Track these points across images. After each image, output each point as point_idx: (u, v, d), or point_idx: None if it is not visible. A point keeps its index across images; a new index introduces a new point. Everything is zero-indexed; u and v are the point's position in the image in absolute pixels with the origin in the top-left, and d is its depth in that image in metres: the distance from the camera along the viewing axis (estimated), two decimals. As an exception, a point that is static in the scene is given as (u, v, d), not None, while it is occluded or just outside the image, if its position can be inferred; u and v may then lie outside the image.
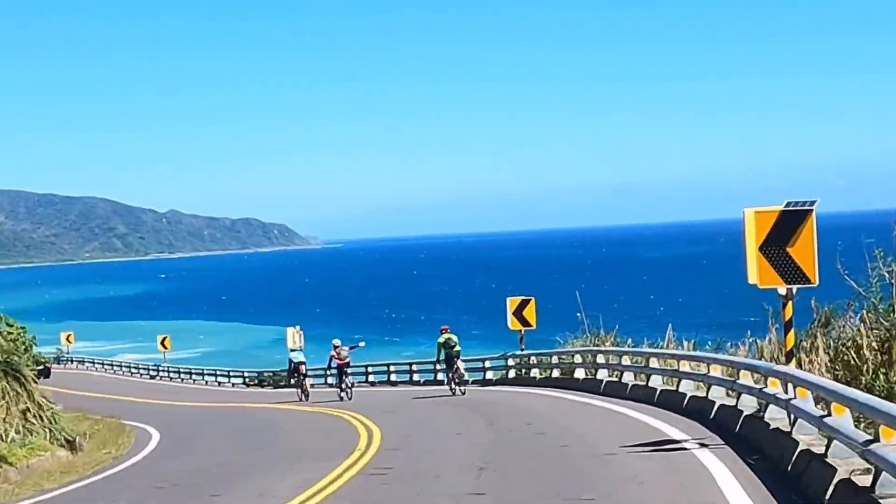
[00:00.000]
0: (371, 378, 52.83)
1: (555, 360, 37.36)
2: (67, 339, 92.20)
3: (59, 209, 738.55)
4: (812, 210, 17.77)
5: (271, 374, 63.18)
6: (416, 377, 49.67)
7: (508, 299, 40.55)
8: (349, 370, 42.73)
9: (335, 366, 41.98)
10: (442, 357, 38.06)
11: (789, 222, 17.76)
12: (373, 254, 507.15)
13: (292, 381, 47.71)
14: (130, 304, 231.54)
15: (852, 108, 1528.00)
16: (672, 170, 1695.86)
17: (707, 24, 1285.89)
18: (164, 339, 78.05)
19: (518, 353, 41.26)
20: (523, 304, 40.12)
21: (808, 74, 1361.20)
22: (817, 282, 18.14)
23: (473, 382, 42.53)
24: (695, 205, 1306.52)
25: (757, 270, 17.89)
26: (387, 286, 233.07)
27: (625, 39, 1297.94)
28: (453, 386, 37.76)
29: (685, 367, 25.40)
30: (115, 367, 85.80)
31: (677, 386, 25.91)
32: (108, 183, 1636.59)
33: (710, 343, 30.67)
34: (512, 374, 41.73)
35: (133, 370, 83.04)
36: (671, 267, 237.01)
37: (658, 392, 27.06)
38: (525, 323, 40.17)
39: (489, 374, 43.81)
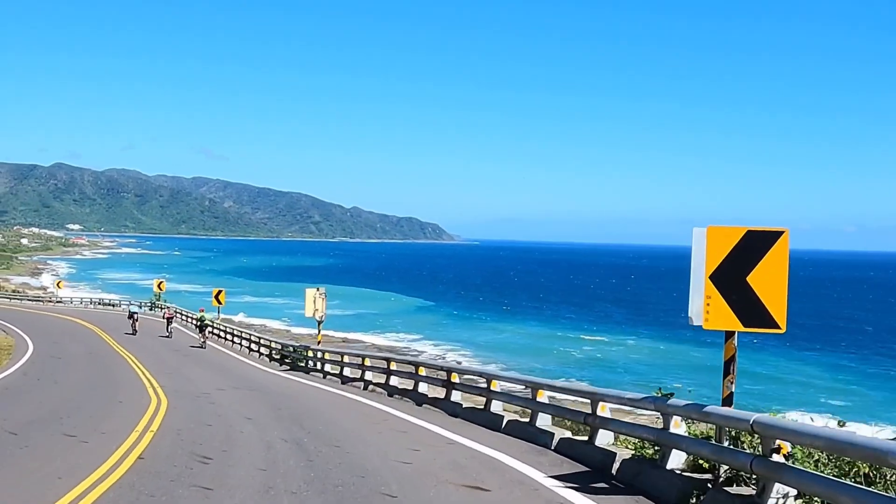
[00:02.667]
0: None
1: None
2: (159, 287, 74.46)
3: (272, 199, 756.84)
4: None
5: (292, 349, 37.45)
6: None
7: (702, 230, 8.67)
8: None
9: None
10: (196, 325, 45.32)
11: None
12: (503, 251, 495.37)
13: (130, 322, 48.60)
14: (309, 271, 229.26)
15: None
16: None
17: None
18: (219, 293, 53.68)
19: (735, 416, 8.57)
20: (755, 242, 8.67)
21: None
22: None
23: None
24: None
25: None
26: (506, 277, 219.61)
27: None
28: (204, 342, 42.06)
29: None
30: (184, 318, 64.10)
31: None
32: (309, 182, 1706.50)
33: None
34: (678, 461, 9.80)
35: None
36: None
37: None
38: (754, 316, 8.66)
39: (603, 439, 12.04)
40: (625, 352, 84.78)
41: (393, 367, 22.96)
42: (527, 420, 15.07)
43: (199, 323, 44.84)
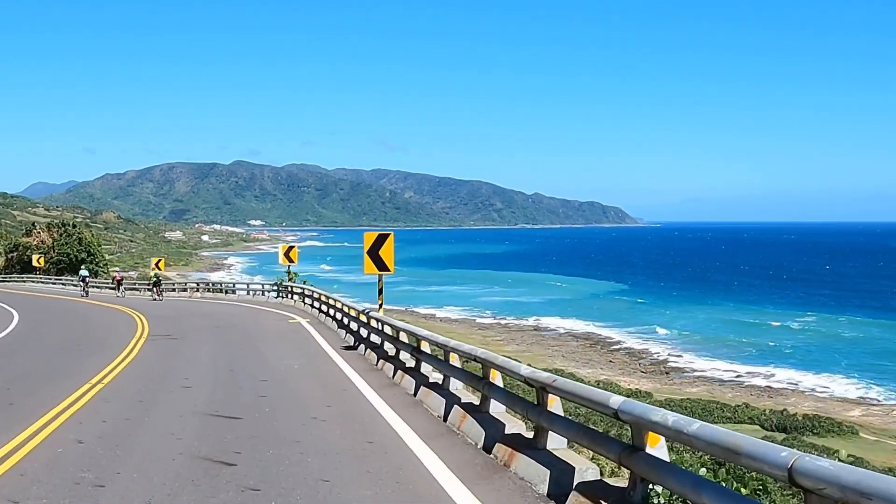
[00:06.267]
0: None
1: None
2: (287, 255, 64.94)
3: (453, 189, 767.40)
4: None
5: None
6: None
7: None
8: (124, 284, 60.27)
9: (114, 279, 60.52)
10: (151, 284, 53.69)
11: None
12: (687, 233, 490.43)
13: (81, 287, 58.24)
14: (490, 258, 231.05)
15: None
16: None
17: None
18: (383, 237, 37.31)
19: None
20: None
21: None
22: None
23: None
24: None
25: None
26: (693, 259, 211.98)
27: None
28: (156, 297, 50.58)
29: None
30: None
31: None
32: (490, 170, 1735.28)
33: None
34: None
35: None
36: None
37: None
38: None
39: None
40: (833, 336, 77.72)
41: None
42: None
43: (154, 280, 53.99)
